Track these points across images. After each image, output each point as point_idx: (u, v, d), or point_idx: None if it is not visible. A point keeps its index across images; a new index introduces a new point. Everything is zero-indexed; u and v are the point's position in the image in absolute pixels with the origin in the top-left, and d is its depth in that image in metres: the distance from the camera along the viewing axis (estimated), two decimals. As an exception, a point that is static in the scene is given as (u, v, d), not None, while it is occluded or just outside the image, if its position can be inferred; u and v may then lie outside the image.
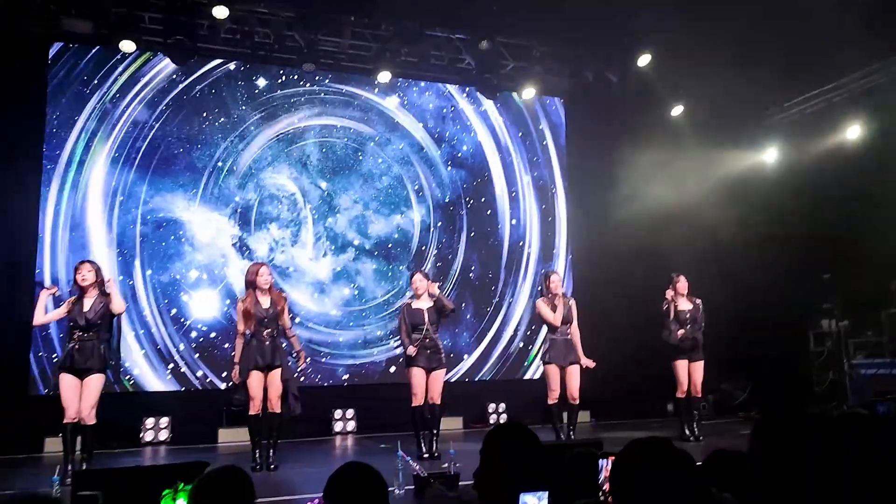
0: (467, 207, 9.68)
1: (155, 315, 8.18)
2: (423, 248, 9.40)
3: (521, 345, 9.64)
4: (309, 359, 6.35)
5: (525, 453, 2.09)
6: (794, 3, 7.13)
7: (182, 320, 8.28)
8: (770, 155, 10.17)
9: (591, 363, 6.79)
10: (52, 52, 8.10)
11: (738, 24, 7.69)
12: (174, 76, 8.53)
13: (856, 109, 9.02)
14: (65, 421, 5.44)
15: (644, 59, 9.21)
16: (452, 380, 8.72)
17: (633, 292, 8.92)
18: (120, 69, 8.32)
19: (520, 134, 10.08)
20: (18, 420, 7.05)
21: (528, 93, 9.62)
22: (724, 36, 8.04)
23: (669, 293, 7.16)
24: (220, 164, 8.62)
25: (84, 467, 5.27)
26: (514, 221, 9.89)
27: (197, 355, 8.26)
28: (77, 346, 5.45)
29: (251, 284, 5.94)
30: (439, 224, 9.51)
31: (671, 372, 7.20)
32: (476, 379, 9.35)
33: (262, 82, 8.90)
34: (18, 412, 7.09)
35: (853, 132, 9.08)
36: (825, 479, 1.74)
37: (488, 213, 9.78)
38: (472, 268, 9.60)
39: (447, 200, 9.58)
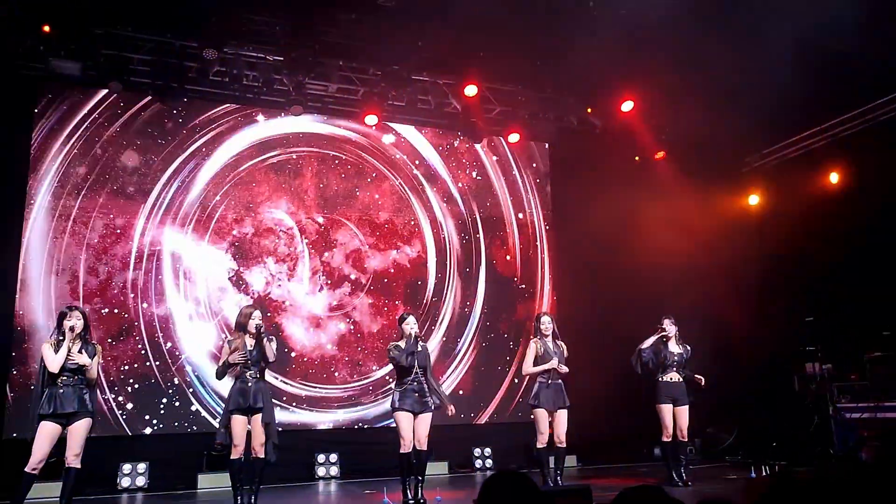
0: (461, 244, 9.77)
1: (149, 349, 8.06)
2: (420, 282, 9.43)
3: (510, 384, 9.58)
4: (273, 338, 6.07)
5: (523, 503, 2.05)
6: (773, 51, 7.31)
7: (177, 354, 8.16)
8: (753, 200, 10.30)
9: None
10: (40, 92, 8.10)
11: (718, 71, 7.88)
12: (164, 112, 8.50)
13: (836, 156, 9.17)
14: (27, 469, 5.12)
15: (627, 105, 9.38)
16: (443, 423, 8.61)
17: (617, 336, 8.88)
18: (109, 105, 8.34)
19: (506, 177, 10.18)
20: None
21: (514, 137, 9.73)
22: (705, 83, 8.24)
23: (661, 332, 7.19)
24: (216, 197, 8.61)
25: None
26: (508, 258, 9.98)
27: (191, 390, 8.13)
28: (62, 391, 5.21)
29: (241, 327, 5.88)
30: (435, 260, 9.57)
31: (657, 416, 7.16)
32: (469, 421, 9.24)
33: (259, 117, 9.00)
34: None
35: (833, 178, 9.21)
36: None
37: (480, 250, 9.85)
38: (468, 303, 9.64)
39: (442, 237, 9.66)
